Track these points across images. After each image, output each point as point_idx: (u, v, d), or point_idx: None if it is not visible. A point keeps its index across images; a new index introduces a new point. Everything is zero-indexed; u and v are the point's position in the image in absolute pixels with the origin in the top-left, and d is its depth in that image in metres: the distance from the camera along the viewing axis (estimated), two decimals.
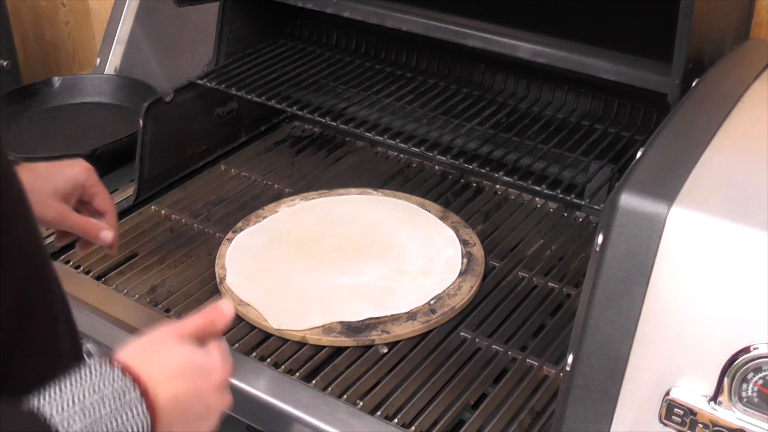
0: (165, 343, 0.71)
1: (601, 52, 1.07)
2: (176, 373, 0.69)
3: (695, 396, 0.66)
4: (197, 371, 0.70)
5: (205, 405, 0.71)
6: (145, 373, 0.66)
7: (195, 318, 0.75)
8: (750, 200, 0.65)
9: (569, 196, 1.05)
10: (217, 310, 0.77)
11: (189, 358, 0.71)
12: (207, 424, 0.72)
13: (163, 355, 0.70)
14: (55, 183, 0.95)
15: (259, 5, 1.41)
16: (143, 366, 0.67)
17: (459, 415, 0.93)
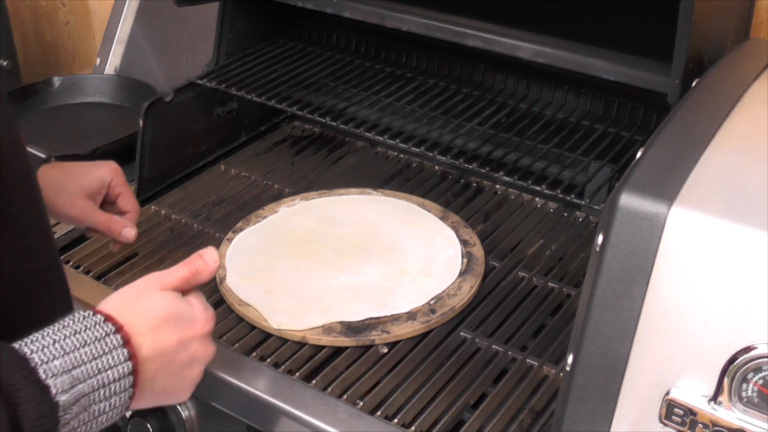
0: (148, 293, 0.72)
1: (601, 52, 1.07)
2: (160, 324, 0.70)
3: (695, 396, 0.66)
4: (181, 321, 0.72)
5: (190, 354, 0.72)
6: (128, 322, 0.68)
7: (179, 267, 0.76)
8: (750, 200, 0.65)
9: (569, 196, 1.05)
10: (201, 260, 0.77)
11: (172, 308, 0.72)
12: (191, 374, 0.74)
13: (147, 305, 0.71)
14: (82, 181, 0.99)
15: (259, 5, 1.41)
16: (127, 316, 0.68)
17: (459, 415, 0.93)
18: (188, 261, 0.77)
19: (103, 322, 0.67)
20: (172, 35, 1.63)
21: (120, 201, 1.04)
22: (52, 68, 2.18)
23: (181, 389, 0.74)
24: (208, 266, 0.78)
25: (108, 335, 0.66)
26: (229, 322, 1.04)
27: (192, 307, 0.74)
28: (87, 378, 0.64)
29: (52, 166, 0.98)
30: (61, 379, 0.62)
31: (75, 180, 0.99)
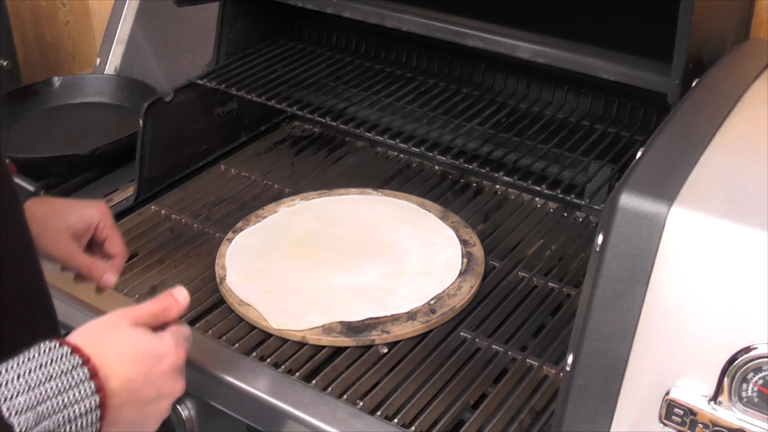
0: (118, 327, 0.72)
1: (601, 52, 1.07)
2: (128, 357, 0.69)
3: (695, 396, 0.66)
4: (149, 356, 0.71)
5: (156, 390, 0.71)
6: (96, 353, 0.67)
7: (149, 303, 0.76)
8: (750, 200, 0.65)
9: (569, 196, 1.05)
10: (171, 298, 0.78)
11: (141, 343, 0.71)
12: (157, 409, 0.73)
13: (116, 338, 0.71)
14: (68, 220, 0.97)
15: (259, 5, 1.41)
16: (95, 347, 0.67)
17: (459, 415, 0.93)
18: (158, 298, 0.78)
19: (70, 354, 0.65)
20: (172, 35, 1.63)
21: (107, 244, 1.01)
22: (52, 68, 2.18)
23: (145, 424, 0.73)
24: (178, 303, 0.78)
25: (75, 368, 0.65)
26: (229, 322, 1.04)
27: (162, 342, 0.73)
28: (52, 414, 0.62)
29: (40, 201, 0.96)
30: (26, 416, 0.61)
31: (61, 218, 0.96)
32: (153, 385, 0.71)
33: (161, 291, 1.08)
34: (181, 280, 1.11)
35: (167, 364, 0.72)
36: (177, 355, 0.74)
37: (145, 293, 1.09)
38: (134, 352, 0.70)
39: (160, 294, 0.78)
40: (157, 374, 0.71)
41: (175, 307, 0.78)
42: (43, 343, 0.66)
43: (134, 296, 1.08)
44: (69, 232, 0.96)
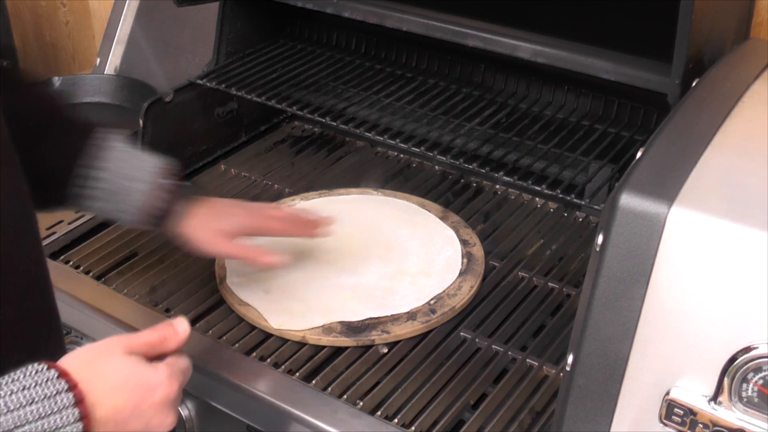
0: (111, 354, 0.70)
1: (601, 52, 1.07)
2: (118, 386, 0.67)
3: (695, 396, 0.66)
4: (140, 387, 0.69)
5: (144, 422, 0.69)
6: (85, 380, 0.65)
7: (147, 332, 0.74)
8: (750, 200, 0.65)
9: (569, 196, 1.05)
10: (171, 328, 0.75)
11: (133, 373, 0.69)
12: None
13: (108, 365, 0.69)
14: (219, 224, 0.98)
15: (259, 5, 1.41)
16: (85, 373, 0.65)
17: (459, 415, 0.93)
18: (157, 327, 0.75)
19: (56, 378, 0.63)
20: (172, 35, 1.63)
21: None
22: (52, 68, 2.18)
23: None
24: (177, 335, 0.75)
25: (59, 393, 0.63)
26: (229, 322, 1.04)
27: (155, 373, 0.71)
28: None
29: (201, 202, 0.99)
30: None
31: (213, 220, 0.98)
32: (141, 417, 0.69)
33: (161, 291, 1.09)
34: (181, 280, 1.11)
35: (158, 397, 0.70)
36: (170, 387, 0.71)
37: (145, 293, 1.09)
38: (125, 381, 0.68)
39: (160, 323, 0.76)
40: (147, 406, 0.69)
41: (173, 338, 0.75)
42: (31, 365, 0.64)
43: (134, 296, 1.08)
44: (220, 233, 0.98)
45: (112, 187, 0.92)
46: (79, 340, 1.05)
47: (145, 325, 1.01)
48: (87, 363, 0.68)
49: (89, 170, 0.92)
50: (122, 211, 0.94)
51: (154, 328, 0.75)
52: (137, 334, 0.74)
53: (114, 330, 1.02)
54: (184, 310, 1.05)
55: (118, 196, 0.93)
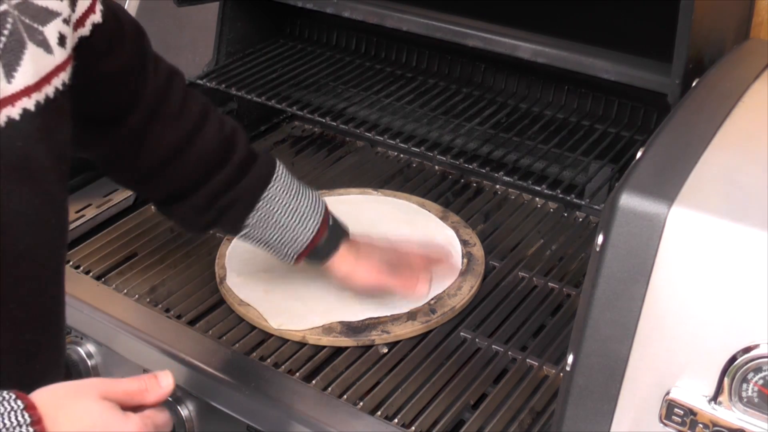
0: (85, 396, 0.68)
1: (601, 52, 1.07)
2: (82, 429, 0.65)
3: (695, 396, 0.66)
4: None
5: None
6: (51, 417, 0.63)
7: (128, 380, 0.72)
8: (750, 200, 0.65)
9: (569, 196, 1.05)
10: (154, 381, 0.73)
11: (102, 418, 0.67)
12: None
13: (78, 407, 0.67)
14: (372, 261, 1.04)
15: (259, 5, 1.41)
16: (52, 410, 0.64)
17: (459, 415, 0.93)
18: (140, 377, 0.73)
19: (21, 410, 0.62)
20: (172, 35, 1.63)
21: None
22: None
23: None
24: (159, 388, 0.72)
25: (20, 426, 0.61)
26: (229, 322, 1.04)
27: (125, 423, 0.68)
28: None
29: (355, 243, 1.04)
30: None
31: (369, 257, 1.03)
32: None
33: (161, 291, 1.09)
34: (181, 280, 1.11)
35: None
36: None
37: (145, 293, 1.09)
38: (91, 425, 0.65)
39: (144, 375, 0.73)
40: None
41: (154, 390, 0.72)
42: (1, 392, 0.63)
43: (134, 296, 1.08)
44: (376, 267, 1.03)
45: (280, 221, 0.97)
46: (79, 340, 1.05)
47: (146, 325, 1.02)
48: (58, 400, 0.66)
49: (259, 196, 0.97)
50: (288, 244, 0.99)
51: (136, 378, 0.72)
52: (118, 380, 0.71)
53: (114, 330, 1.02)
54: (184, 310, 1.06)
55: (288, 231, 0.98)
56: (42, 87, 0.69)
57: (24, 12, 0.68)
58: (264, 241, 0.99)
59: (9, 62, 0.65)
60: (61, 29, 0.71)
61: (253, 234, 0.98)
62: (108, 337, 1.03)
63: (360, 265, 1.02)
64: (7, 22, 0.66)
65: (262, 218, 0.97)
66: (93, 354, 1.04)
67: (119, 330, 1.02)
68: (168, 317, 1.04)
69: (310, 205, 0.99)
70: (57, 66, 0.70)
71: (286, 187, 0.98)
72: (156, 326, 1.02)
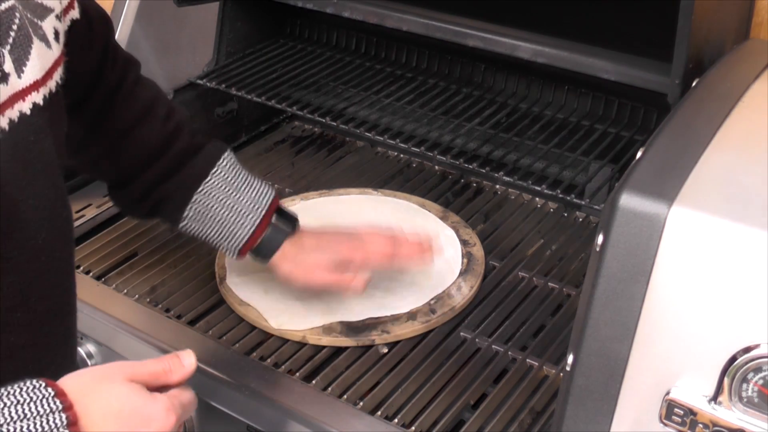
0: (112, 380, 0.68)
1: (601, 52, 1.07)
2: (113, 413, 0.66)
3: (695, 396, 0.66)
4: (135, 415, 0.67)
5: None
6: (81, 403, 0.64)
7: (151, 362, 0.73)
8: (750, 200, 0.65)
9: (569, 196, 1.05)
10: (177, 360, 0.74)
11: (130, 400, 0.68)
12: None
13: (106, 391, 0.67)
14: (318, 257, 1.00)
15: (259, 5, 1.41)
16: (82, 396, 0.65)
17: (459, 415, 0.93)
18: (163, 358, 0.74)
19: (52, 398, 0.62)
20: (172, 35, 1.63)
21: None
22: None
23: None
24: (182, 367, 0.73)
25: (53, 412, 0.62)
26: (229, 322, 1.04)
27: (154, 403, 0.69)
28: None
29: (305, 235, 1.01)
30: None
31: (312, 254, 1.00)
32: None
33: (161, 291, 1.09)
34: (181, 280, 1.11)
35: (153, 428, 0.68)
36: (167, 420, 0.69)
37: (145, 293, 1.09)
38: (120, 408, 0.67)
39: (166, 355, 0.74)
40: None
41: (178, 370, 0.73)
42: (30, 381, 0.63)
43: (134, 296, 1.08)
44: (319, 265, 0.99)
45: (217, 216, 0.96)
46: (79, 339, 1.05)
47: (146, 325, 1.02)
48: (86, 386, 0.67)
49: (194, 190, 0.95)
50: (226, 239, 0.97)
51: (159, 359, 0.73)
52: (142, 362, 0.72)
53: (114, 330, 1.02)
54: (184, 310, 1.06)
55: (225, 227, 0.96)
56: (47, 81, 0.69)
57: (26, 7, 0.68)
58: (203, 235, 0.98)
59: (19, 57, 0.66)
60: (55, 25, 0.72)
61: (191, 227, 0.98)
62: (108, 337, 1.03)
63: (299, 264, 0.99)
64: (15, 16, 0.66)
65: (198, 212, 0.96)
66: (93, 354, 1.04)
67: (119, 330, 1.02)
68: (168, 317, 1.04)
69: (252, 201, 0.97)
70: (55, 60, 0.71)
71: (225, 182, 0.96)
72: (156, 326, 1.02)
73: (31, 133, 0.67)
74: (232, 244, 0.97)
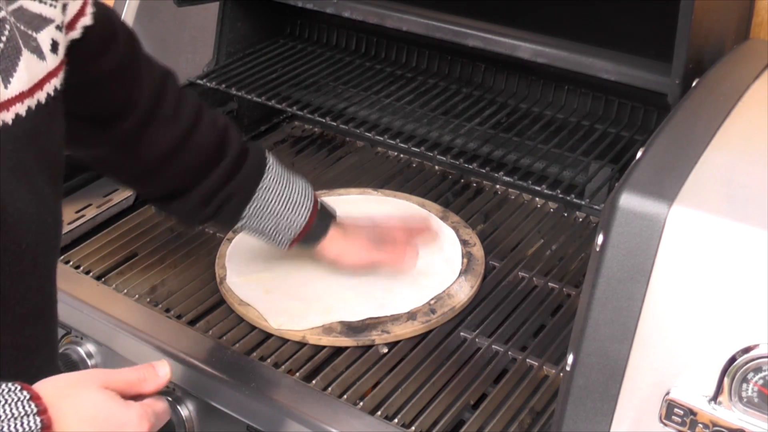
0: (86, 386, 0.69)
1: (601, 52, 1.07)
2: (87, 418, 0.67)
3: (695, 396, 0.66)
4: (109, 422, 0.68)
5: None
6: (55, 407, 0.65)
7: (126, 370, 0.74)
8: (750, 199, 0.65)
9: (569, 196, 1.05)
10: (152, 370, 0.75)
11: (104, 407, 0.69)
12: None
13: (81, 396, 0.68)
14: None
15: (259, 5, 1.41)
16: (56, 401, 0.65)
17: (459, 415, 0.93)
18: (138, 367, 0.75)
19: (27, 400, 0.63)
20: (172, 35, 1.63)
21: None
22: None
23: None
24: (157, 377, 0.74)
25: (27, 415, 0.63)
26: (229, 322, 1.04)
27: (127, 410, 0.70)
28: None
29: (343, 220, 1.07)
30: None
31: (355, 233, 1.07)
32: None
33: (161, 291, 1.09)
34: (181, 280, 1.11)
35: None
36: (139, 427, 0.70)
37: (145, 293, 1.09)
38: (94, 414, 0.67)
39: (141, 364, 0.75)
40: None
41: (152, 380, 0.74)
42: (5, 384, 0.64)
43: (134, 296, 1.08)
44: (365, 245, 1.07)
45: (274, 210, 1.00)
46: (79, 339, 1.05)
47: (146, 324, 1.02)
48: (60, 390, 0.67)
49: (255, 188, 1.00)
50: (282, 231, 1.02)
51: (134, 368, 0.74)
52: (116, 370, 0.73)
53: (114, 330, 1.02)
54: (184, 310, 1.06)
55: (282, 219, 1.01)
56: (35, 93, 0.70)
57: (19, 19, 0.69)
58: (260, 231, 1.02)
59: (6, 68, 0.67)
60: (54, 36, 0.72)
61: (249, 224, 1.01)
62: (108, 337, 1.03)
63: (349, 245, 1.06)
64: (5, 28, 0.67)
65: (257, 209, 1.00)
66: (93, 354, 1.04)
67: (119, 330, 1.02)
68: (168, 317, 1.04)
69: (301, 192, 1.02)
70: (49, 72, 0.72)
71: (278, 177, 1.01)
72: (156, 326, 1.02)
73: (10, 142, 0.68)
74: (287, 236, 1.02)
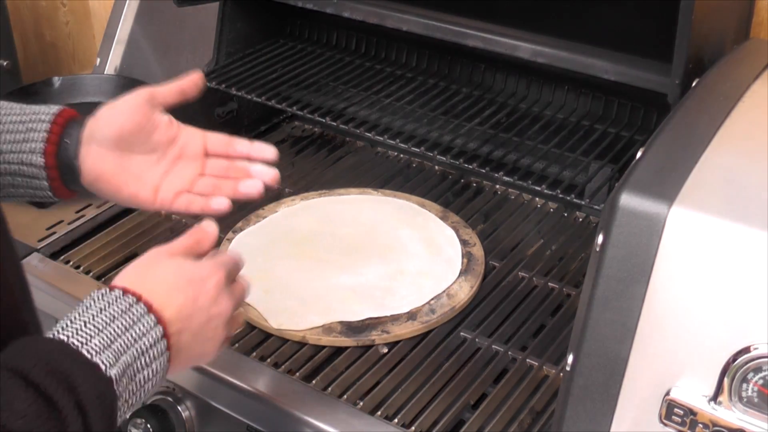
0: (158, 262, 0.75)
1: (601, 52, 1.07)
2: (174, 286, 0.73)
3: (695, 396, 0.66)
4: (192, 281, 0.74)
5: (206, 313, 0.74)
6: (145, 290, 0.70)
7: (182, 238, 0.79)
8: (750, 200, 0.65)
9: (569, 196, 1.05)
10: (202, 230, 0.81)
11: (182, 271, 0.74)
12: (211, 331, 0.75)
13: (159, 272, 0.74)
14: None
15: (259, 5, 1.41)
16: (141, 285, 0.71)
17: (459, 415, 0.93)
18: (189, 232, 0.80)
19: (123, 296, 0.69)
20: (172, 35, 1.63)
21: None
22: (52, 68, 2.17)
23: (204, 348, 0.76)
24: (208, 235, 0.81)
25: (132, 306, 0.68)
26: None
27: (201, 266, 0.76)
28: (126, 349, 0.66)
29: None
30: (106, 354, 0.65)
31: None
32: (202, 309, 0.74)
33: None
34: None
35: (211, 286, 0.75)
36: (218, 274, 0.76)
37: None
38: (177, 280, 0.73)
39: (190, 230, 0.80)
40: (204, 298, 0.74)
41: (206, 239, 0.80)
42: (93, 292, 0.69)
43: None
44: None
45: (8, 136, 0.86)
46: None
47: None
48: (139, 276, 0.73)
49: None
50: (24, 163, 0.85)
51: (186, 234, 0.79)
52: (173, 242, 0.78)
53: None
54: None
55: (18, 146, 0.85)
56: None
57: None
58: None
59: None
60: None
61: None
62: None
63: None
64: None
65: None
66: None
67: None
68: None
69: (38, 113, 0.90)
70: None
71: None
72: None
73: None
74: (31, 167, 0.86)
